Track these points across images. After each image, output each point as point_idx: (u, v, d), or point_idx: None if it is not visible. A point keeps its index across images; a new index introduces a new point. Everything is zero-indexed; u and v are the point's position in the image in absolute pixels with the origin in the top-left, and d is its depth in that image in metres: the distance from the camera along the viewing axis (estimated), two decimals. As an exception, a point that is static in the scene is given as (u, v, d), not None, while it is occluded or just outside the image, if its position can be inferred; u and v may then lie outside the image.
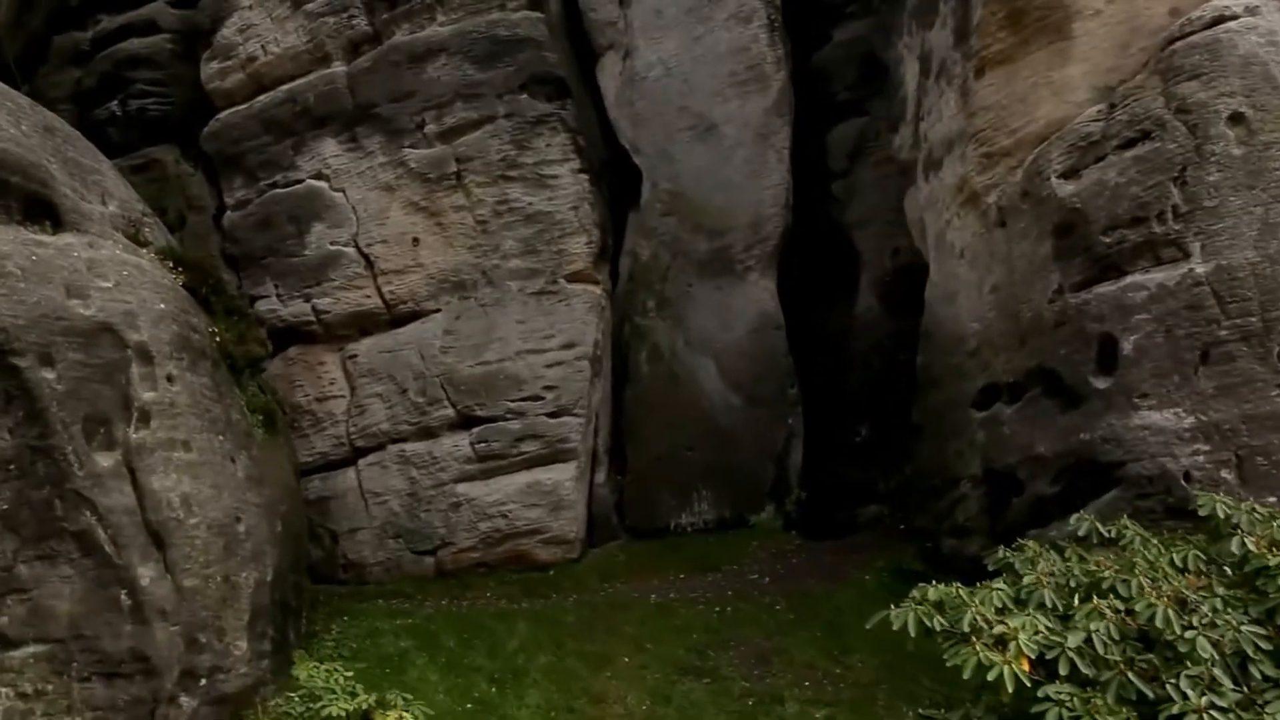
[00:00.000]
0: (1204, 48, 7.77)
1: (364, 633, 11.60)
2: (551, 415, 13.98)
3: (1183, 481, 7.27)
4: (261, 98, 14.87)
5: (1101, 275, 8.13)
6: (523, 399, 13.94)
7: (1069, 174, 8.57)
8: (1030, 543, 5.98)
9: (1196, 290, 7.44)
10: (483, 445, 13.93)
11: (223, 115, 15.13)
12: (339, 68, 14.52)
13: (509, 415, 13.93)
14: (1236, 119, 7.65)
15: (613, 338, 15.78)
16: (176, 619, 8.12)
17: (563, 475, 14.04)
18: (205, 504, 8.70)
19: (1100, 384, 7.87)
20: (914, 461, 11.85)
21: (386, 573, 14.53)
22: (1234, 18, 7.87)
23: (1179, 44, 7.96)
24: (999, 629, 4.75)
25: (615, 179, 16.17)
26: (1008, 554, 5.88)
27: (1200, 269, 7.47)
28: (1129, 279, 7.87)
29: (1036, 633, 4.70)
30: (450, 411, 14.07)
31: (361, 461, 14.73)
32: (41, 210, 8.84)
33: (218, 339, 10.04)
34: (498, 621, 12.22)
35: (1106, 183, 8.11)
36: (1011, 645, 4.63)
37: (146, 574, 8.10)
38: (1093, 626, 4.70)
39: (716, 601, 12.12)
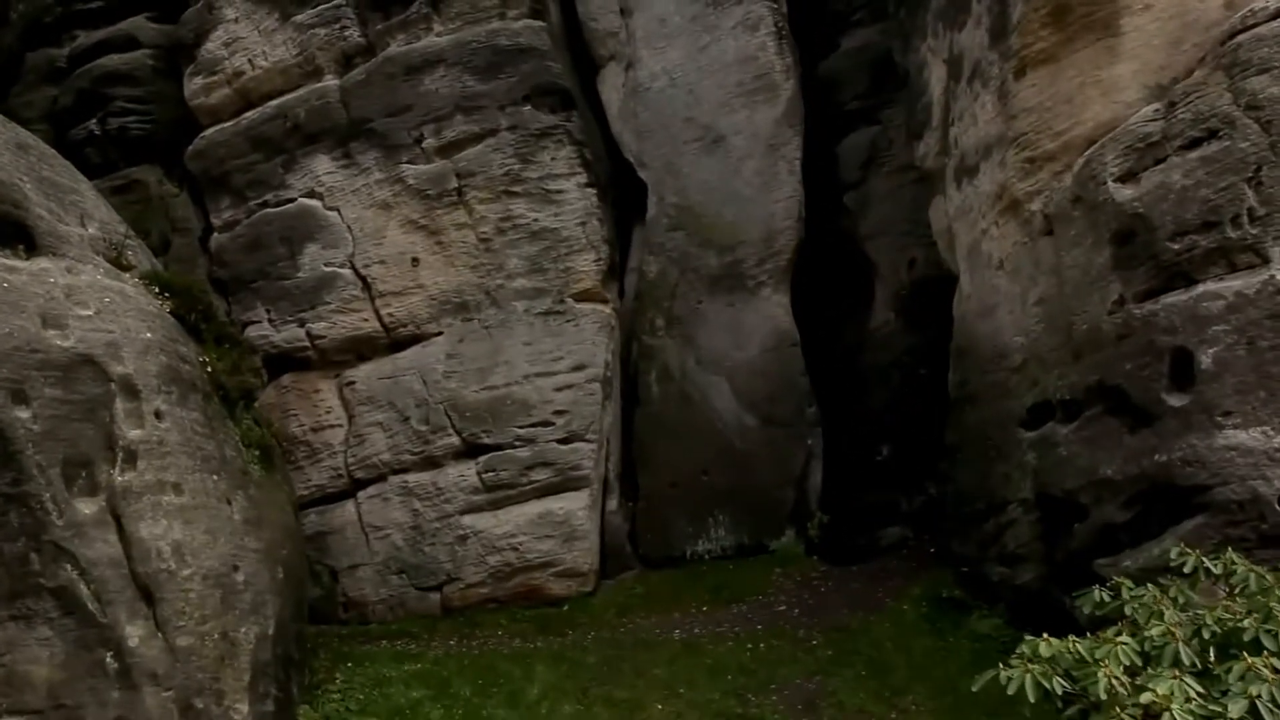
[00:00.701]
0: (1273, 40, 7.20)
1: (371, 681, 10.84)
2: (562, 441, 13.29)
3: (1278, 506, 6.65)
4: (249, 114, 14.21)
5: (1169, 284, 7.52)
6: (532, 425, 13.25)
7: (1127, 177, 7.97)
8: (1148, 587, 5.30)
9: (1279, 298, 6.84)
10: (490, 474, 13.23)
11: (208, 133, 14.45)
12: (331, 81, 13.88)
13: (517, 442, 13.24)
14: (1314, 114, 7.09)
15: (621, 358, 15.16)
16: (169, 682, 7.36)
17: (575, 504, 13.35)
18: (199, 552, 7.96)
19: (1175, 401, 7.25)
20: (951, 484, 11.20)
21: (390, 611, 13.80)
22: (1303, 6, 7.32)
23: (1243, 37, 7.38)
24: (1145, 696, 4.06)
25: (619, 194, 15.56)
26: (1126, 596, 5.20)
27: (1282, 275, 6.88)
28: (1201, 287, 7.26)
29: (1189, 700, 4.02)
30: (455, 439, 13.37)
31: (361, 494, 14.01)
32: (14, 233, 8.11)
33: (209, 369, 9.33)
34: (514, 664, 11.48)
35: (1171, 185, 7.51)
36: (1165, 718, 3.95)
37: (135, 633, 7.36)
38: (1252, 691, 4.04)
39: (747, 638, 11.41)
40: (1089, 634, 4.98)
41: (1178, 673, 4.23)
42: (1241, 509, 6.73)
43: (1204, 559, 5.49)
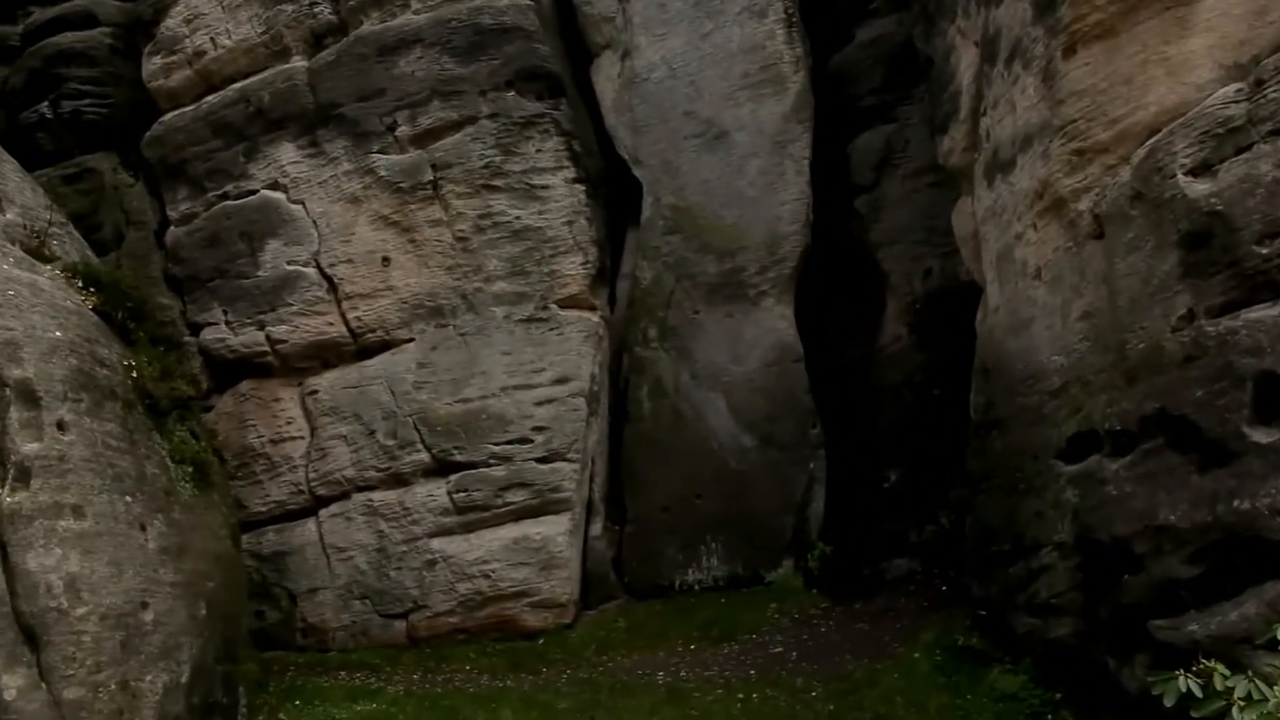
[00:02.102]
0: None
1: (318, 724, 9.66)
2: (542, 460, 12.10)
3: (1391, 570, 5.47)
4: (210, 97, 13.06)
5: (1254, 296, 6.32)
6: (508, 442, 12.06)
7: (1201, 170, 6.78)
8: (1238, 678, 4.08)
9: (1393, 316, 5.65)
10: (462, 495, 12.03)
11: (166, 118, 13.30)
12: (299, 63, 12.73)
13: (492, 460, 12.04)
14: None
15: (610, 370, 13.98)
16: (50, 746, 6.20)
17: (554, 529, 12.15)
18: (100, 587, 6.78)
19: (1260, 436, 6.05)
20: (972, 518, 9.99)
21: (351, 638, 12.64)
22: None
23: (1346, 3, 6.20)
24: None
25: (612, 193, 14.39)
26: (1221, 686, 3.99)
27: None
28: (1295, 301, 6.08)
29: None
30: (424, 456, 12.18)
31: (323, 512, 12.83)
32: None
33: (135, 375, 8.13)
34: (478, 708, 10.28)
35: (1259, 178, 6.32)
36: None
37: (13, 684, 6.20)
38: None
39: (739, 685, 10.18)
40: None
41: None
42: (1348, 571, 5.54)
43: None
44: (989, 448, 9.61)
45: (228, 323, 12.78)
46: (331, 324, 12.53)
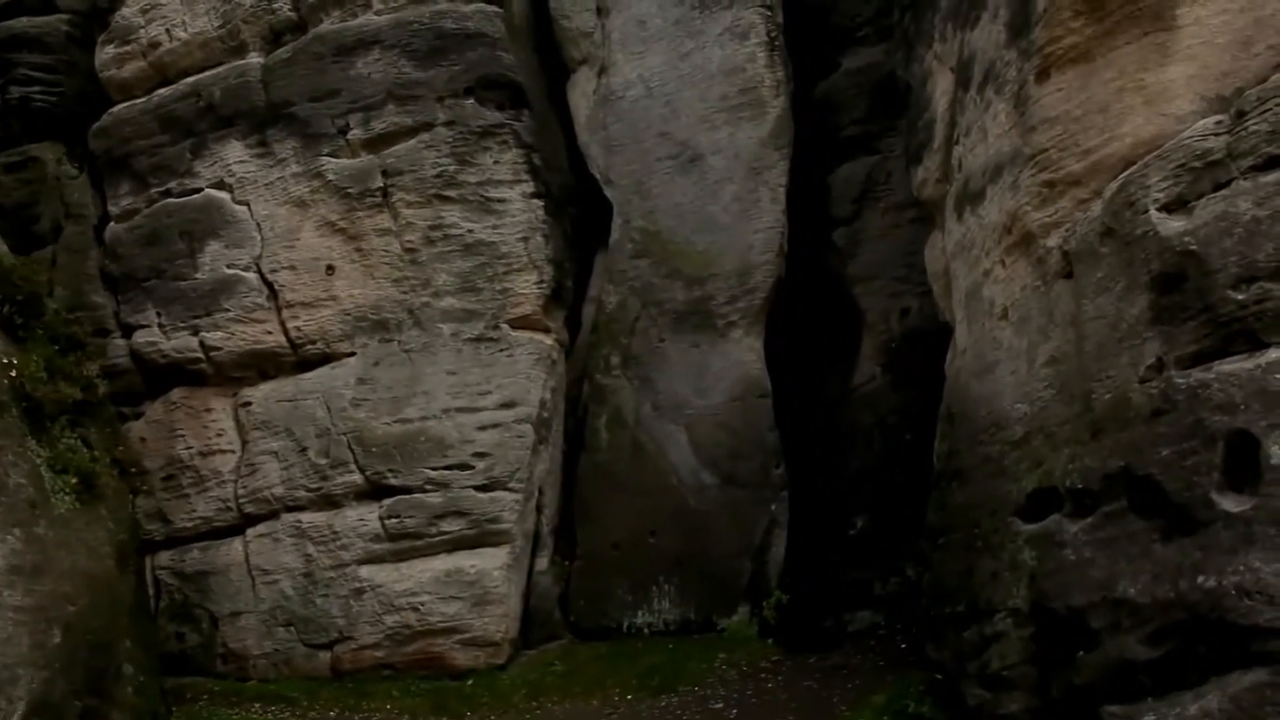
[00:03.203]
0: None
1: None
2: (481, 489, 11.41)
3: (1372, 666, 4.76)
4: (162, 90, 12.50)
5: (1228, 346, 5.66)
6: (447, 467, 11.37)
7: (1176, 205, 6.14)
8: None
9: (1380, 375, 4.97)
10: (394, 521, 11.33)
11: (116, 109, 12.74)
12: (255, 59, 12.18)
13: (428, 486, 11.34)
14: None
15: (570, 397, 13.33)
16: None
17: (491, 563, 11.43)
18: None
19: (1230, 504, 5.35)
20: (929, 575, 9.28)
21: (274, 667, 11.93)
22: None
23: (1340, 30, 5.59)
24: None
25: (582, 213, 13.82)
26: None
27: (1384, 344, 5.03)
28: (1273, 353, 5.40)
29: None
30: (357, 477, 11.49)
31: (250, 531, 12.14)
32: None
33: (13, 374, 7.46)
34: (389, 754, 9.55)
35: (1237, 217, 5.68)
36: None
37: None
38: None
39: (668, 745, 9.44)
40: None
41: None
42: (1322, 664, 4.82)
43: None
44: (948, 500, 8.92)
45: (161, 326, 12.15)
46: (270, 333, 11.88)
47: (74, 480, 7.77)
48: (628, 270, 13.40)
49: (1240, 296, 5.57)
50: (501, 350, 11.67)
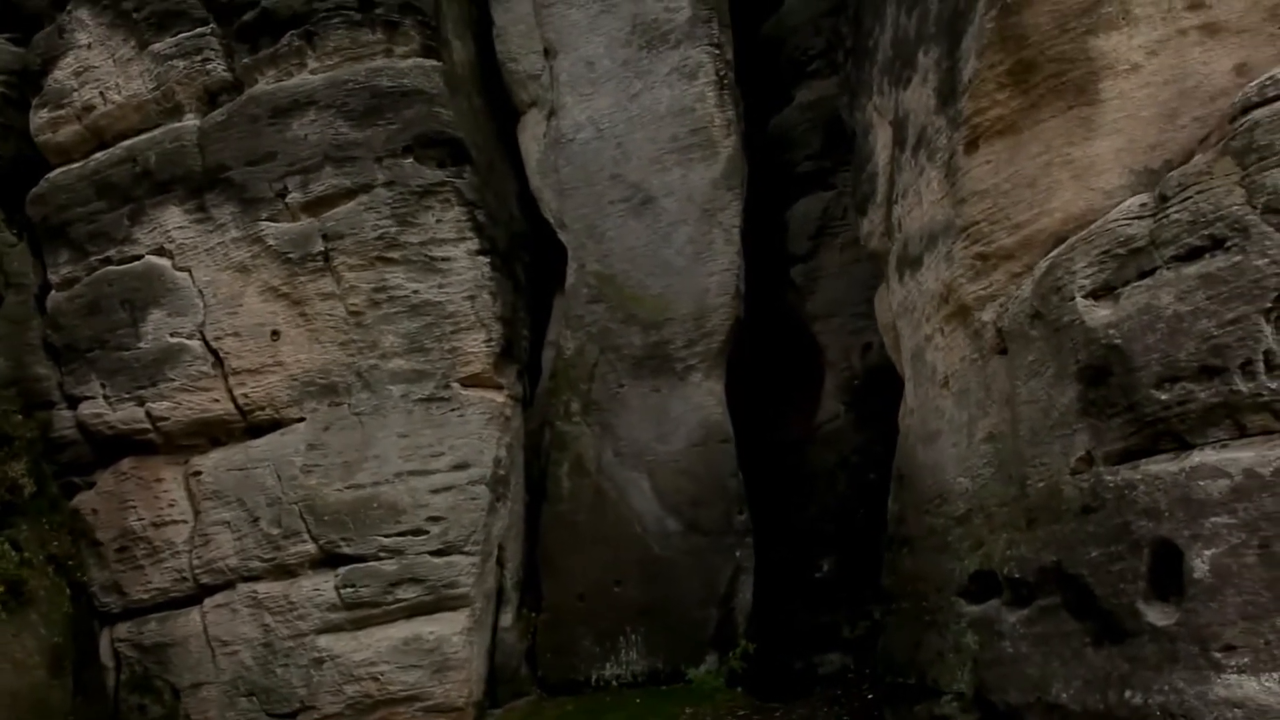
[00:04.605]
0: (1300, 118, 5.25)
1: None
2: (436, 554, 11.20)
3: (1300, 799, 4.60)
4: (98, 155, 12.24)
5: (1154, 445, 5.49)
6: (400, 534, 11.16)
7: (1102, 293, 5.96)
8: None
9: (1307, 483, 4.81)
10: (349, 590, 11.13)
11: (52, 175, 12.46)
12: (190, 121, 11.91)
13: (382, 554, 11.14)
14: (1354, 225, 5.13)
15: (531, 444, 13.15)
16: None
17: (449, 628, 11.23)
18: None
19: (1156, 618, 5.18)
20: (883, 640, 9.13)
21: (238, 738, 11.67)
22: (1337, 78, 5.37)
23: (1260, 113, 5.42)
24: None
25: (536, 258, 13.63)
26: None
27: (1310, 450, 4.86)
28: (1198, 456, 5.23)
29: None
30: (311, 547, 11.29)
31: (208, 601, 11.90)
32: None
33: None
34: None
35: (1159, 311, 5.50)
36: None
37: None
38: None
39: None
40: None
41: None
42: (1248, 796, 4.66)
43: None
44: (899, 565, 8.77)
45: (106, 397, 11.91)
46: (217, 400, 11.67)
47: (0, 590, 7.56)
48: (584, 315, 13.22)
49: (1164, 396, 5.41)
50: (453, 410, 11.47)
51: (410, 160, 11.21)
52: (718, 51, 13.09)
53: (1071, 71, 6.48)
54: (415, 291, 11.28)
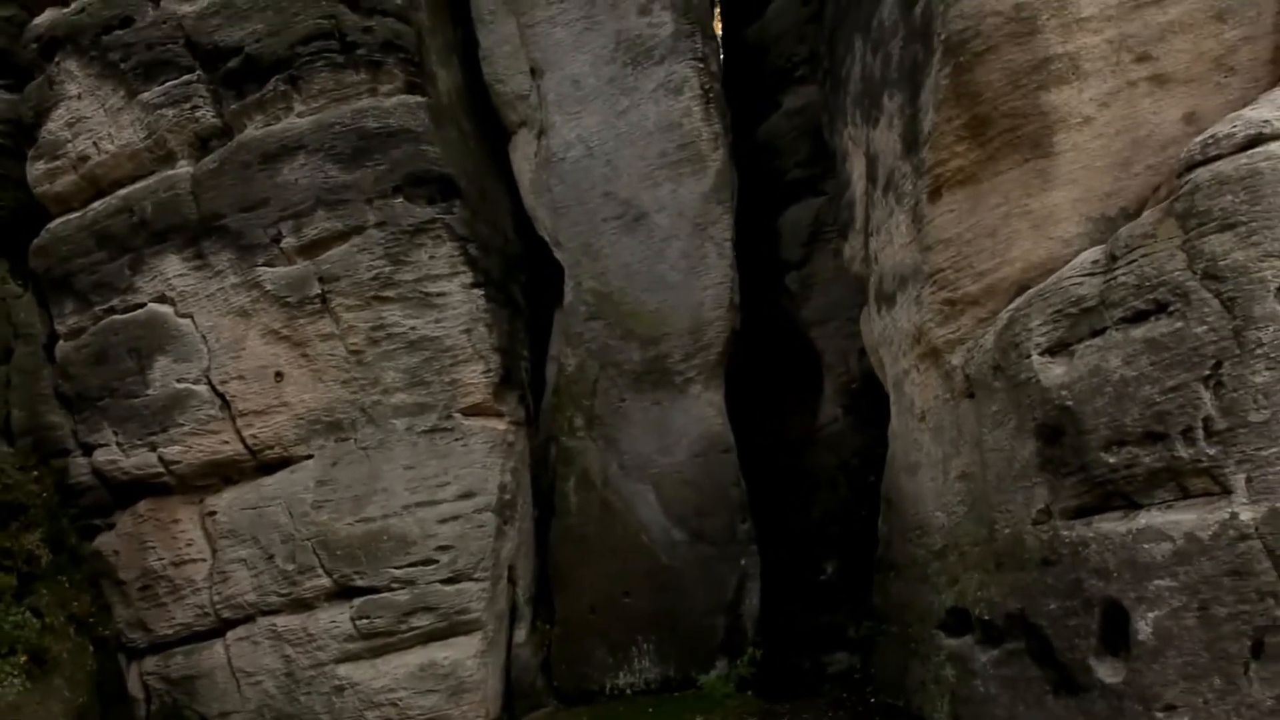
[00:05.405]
0: (1239, 183, 5.31)
1: None
2: (447, 582, 11.52)
3: None
4: (96, 204, 12.51)
5: (1105, 503, 5.69)
6: (411, 564, 11.48)
7: (1057, 350, 6.12)
8: None
9: (1242, 546, 4.95)
10: (364, 621, 11.49)
11: (53, 225, 12.75)
12: (184, 168, 12.14)
13: (395, 585, 11.48)
14: (1295, 293, 5.26)
15: (538, 459, 13.43)
16: None
17: (463, 652, 11.58)
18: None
19: (1106, 674, 5.41)
20: (874, 658, 9.40)
21: (267, 763, 12.12)
22: (1276, 137, 5.47)
23: (1202, 172, 5.53)
24: None
25: (534, 276, 13.85)
26: None
27: (1246, 514, 4.98)
28: (1144, 518, 5.42)
29: None
30: (326, 581, 11.64)
31: (230, 634, 12.30)
32: None
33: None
34: None
35: (1108, 374, 5.67)
36: None
37: None
38: None
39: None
40: None
41: None
42: None
43: None
44: (888, 589, 9.02)
45: (119, 444, 12.27)
46: (227, 442, 12.00)
47: (23, 659, 7.93)
48: (584, 332, 13.42)
49: (1112, 460, 5.59)
50: (456, 440, 11.74)
51: (400, 200, 11.41)
52: (702, 65, 13.14)
53: (1026, 126, 6.60)
54: (413, 328, 11.53)
